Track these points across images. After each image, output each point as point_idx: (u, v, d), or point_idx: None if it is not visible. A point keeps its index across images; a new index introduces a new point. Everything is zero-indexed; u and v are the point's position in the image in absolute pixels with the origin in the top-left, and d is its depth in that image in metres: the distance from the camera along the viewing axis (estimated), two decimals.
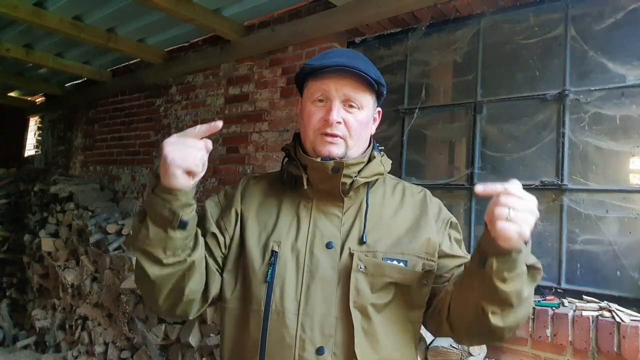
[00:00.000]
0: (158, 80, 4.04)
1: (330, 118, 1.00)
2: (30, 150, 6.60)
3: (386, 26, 2.66)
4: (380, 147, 1.15)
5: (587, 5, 2.10)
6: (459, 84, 2.47)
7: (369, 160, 1.07)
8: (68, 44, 3.90)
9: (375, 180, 1.11)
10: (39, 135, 6.28)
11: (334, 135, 1.01)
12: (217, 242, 1.06)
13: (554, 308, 1.77)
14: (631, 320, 1.63)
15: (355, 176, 1.03)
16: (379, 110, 1.14)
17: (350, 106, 1.03)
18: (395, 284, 1.00)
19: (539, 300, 1.86)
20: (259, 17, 3.15)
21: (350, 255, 1.00)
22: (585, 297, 1.87)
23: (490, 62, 2.35)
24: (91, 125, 4.91)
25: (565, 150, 2.05)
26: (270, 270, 0.99)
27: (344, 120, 1.02)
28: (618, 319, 1.63)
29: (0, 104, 6.18)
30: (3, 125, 6.79)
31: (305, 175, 1.04)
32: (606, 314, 1.69)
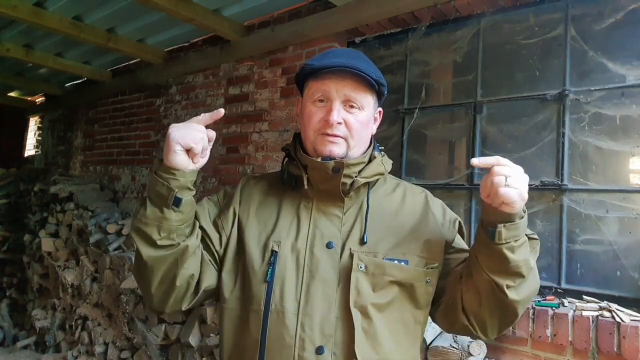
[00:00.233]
0: (158, 80, 4.04)
1: (330, 118, 1.00)
2: (30, 150, 6.60)
3: (386, 26, 2.66)
4: (380, 147, 1.14)
5: (587, 5, 2.10)
6: (459, 84, 2.47)
7: (370, 161, 1.07)
8: (68, 44, 3.90)
9: (376, 181, 1.10)
10: (39, 135, 6.28)
11: (334, 136, 1.01)
12: (213, 238, 1.06)
13: (554, 308, 1.77)
14: (631, 320, 1.63)
15: (356, 176, 1.03)
16: (379, 111, 1.13)
17: (351, 106, 1.03)
18: (397, 283, 1.00)
19: (539, 300, 1.86)
20: (259, 17, 3.15)
21: (351, 256, 0.99)
22: (585, 297, 1.87)
23: (490, 62, 2.35)
24: (91, 125, 4.91)
25: (565, 150, 2.05)
26: (270, 270, 0.99)
27: (345, 120, 1.02)
28: (618, 319, 1.63)
29: (0, 104, 6.18)
30: (3, 125, 6.79)
31: (305, 175, 1.04)
32: (606, 314, 1.69)
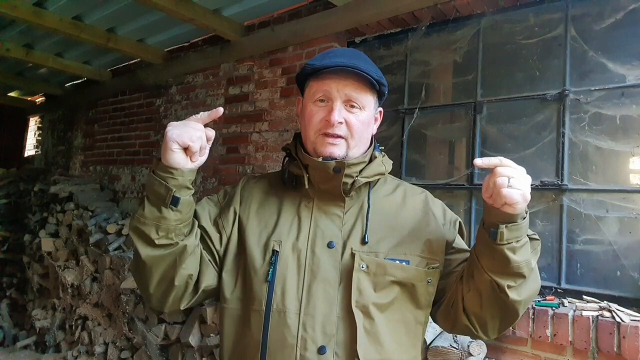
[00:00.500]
0: (158, 80, 4.04)
1: (331, 118, 1.00)
2: (30, 150, 6.59)
3: (386, 26, 2.66)
4: (380, 147, 1.14)
5: (587, 5, 2.10)
6: (459, 84, 2.47)
7: (370, 160, 1.07)
8: (68, 44, 3.89)
9: (377, 181, 1.11)
10: (39, 135, 6.28)
11: (335, 136, 1.01)
12: (213, 237, 1.06)
13: (554, 308, 1.77)
14: (631, 320, 1.63)
15: (357, 176, 1.03)
16: (380, 110, 1.13)
17: (352, 106, 1.03)
18: (398, 283, 1.00)
19: (539, 301, 1.86)
20: (259, 17, 3.15)
21: (352, 255, 0.99)
22: (585, 297, 1.87)
23: (490, 62, 2.35)
24: (91, 125, 4.91)
25: (565, 150, 2.05)
26: (271, 270, 0.99)
27: (346, 120, 1.02)
28: (618, 319, 1.63)
29: (0, 104, 6.18)
30: (3, 125, 6.78)
31: (306, 174, 1.04)
32: (606, 314, 1.69)
